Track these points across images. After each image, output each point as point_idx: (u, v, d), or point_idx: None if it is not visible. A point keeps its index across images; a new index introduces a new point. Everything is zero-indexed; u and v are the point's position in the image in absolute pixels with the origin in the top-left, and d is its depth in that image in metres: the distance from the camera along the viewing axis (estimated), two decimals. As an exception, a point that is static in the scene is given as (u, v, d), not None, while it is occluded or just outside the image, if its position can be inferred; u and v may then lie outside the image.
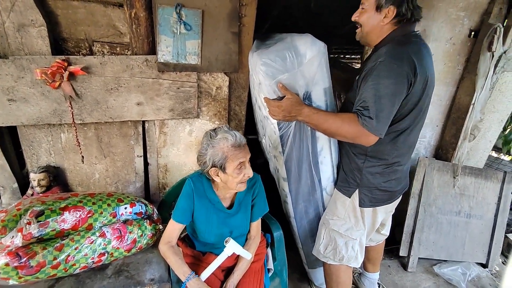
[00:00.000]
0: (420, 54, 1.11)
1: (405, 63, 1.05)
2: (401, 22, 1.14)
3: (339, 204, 1.40)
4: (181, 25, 1.37)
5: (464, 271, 2.04)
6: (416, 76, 1.08)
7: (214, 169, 1.13)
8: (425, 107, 1.23)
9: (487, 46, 1.80)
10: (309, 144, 1.37)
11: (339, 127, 1.16)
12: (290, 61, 1.22)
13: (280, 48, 1.23)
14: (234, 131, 1.14)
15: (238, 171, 1.12)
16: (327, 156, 1.41)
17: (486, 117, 2.05)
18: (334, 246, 1.41)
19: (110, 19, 1.43)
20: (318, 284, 1.82)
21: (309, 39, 1.24)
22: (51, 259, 1.03)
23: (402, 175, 1.35)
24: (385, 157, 1.25)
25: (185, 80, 1.49)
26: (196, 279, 1.11)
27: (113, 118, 1.46)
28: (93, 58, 1.35)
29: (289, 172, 1.44)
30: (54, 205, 1.09)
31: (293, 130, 1.33)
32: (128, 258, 1.27)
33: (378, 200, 1.33)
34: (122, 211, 1.24)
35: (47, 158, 1.50)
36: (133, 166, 1.64)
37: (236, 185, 1.15)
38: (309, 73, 1.26)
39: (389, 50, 1.10)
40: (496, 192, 2.18)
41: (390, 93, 1.06)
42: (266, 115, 1.35)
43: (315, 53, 1.23)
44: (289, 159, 1.40)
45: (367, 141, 1.14)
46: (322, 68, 1.28)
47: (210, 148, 1.12)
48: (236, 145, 1.11)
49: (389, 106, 1.08)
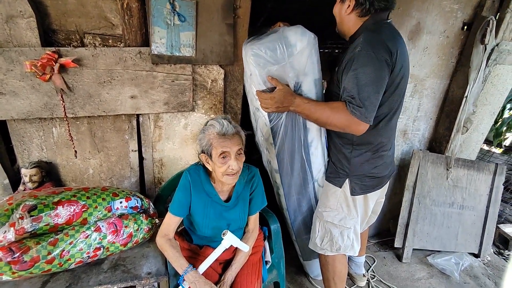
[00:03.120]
0: (395, 40, 1.14)
1: (381, 50, 1.08)
2: (366, 12, 1.17)
3: (330, 195, 1.42)
4: (175, 16, 1.34)
5: (457, 261, 2.08)
6: (394, 62, 1.11)
7: (203, 155, 1.16)
8: (403, 92, 1.26)
9: (479, 39, 1.82)
10: (301, 135, 1.37)
11: (329, 116, 1.18)
12: (280, 52, 1.23)
13: (271, 39, 1.23)
14: (225, 120, 1.14)
15: (222, 161, 1.11)
16: (318, 147, 1.42)
17: (478, 109, 2.07)
18: (330, 237, 1.42)
19: (101, 10, 1.40)
20: (313, 276, 1.84)
21: (299, 30, 1.25)
22: (45, 254, 1.01)
23: (388, 159, 1.39)
24: (371, 143, 1.28)
25: (179, 72, 1.47)
26: (193, 272, 1.10)
27: (106, 111, 1.43)
28: (84, 50, 1.32)
29: (281, 164, 1.44)
30: (47, 199, 1.07)
31: (285, 121, 1.34)
32: (124, 253, 1.25)
33: (368, 186, 1.35)
34: (118, 205, 1.22)
35: (39, 153, 1.47)
36: (127, 161, 1.62)
37: (221, 175, 1.14)
38: (300, 64, 1.27)
39: (364, 39, 1.12)
40: (488, 184, 2.22)
41: (372, 80, 1.08)
42: (257, 106, 1.35)
43: (305, 44, 1.24)
44: (281, 150, 1.41)
45: (358, 129, 1.15)
46: (313, 59, 1.29)
47: (201, 133, 1.16)
48: (221, 134, 1.11)
49: (374, 93, 1.09)
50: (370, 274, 1.98)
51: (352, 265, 1.89)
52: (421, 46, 1.88)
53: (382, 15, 1.20)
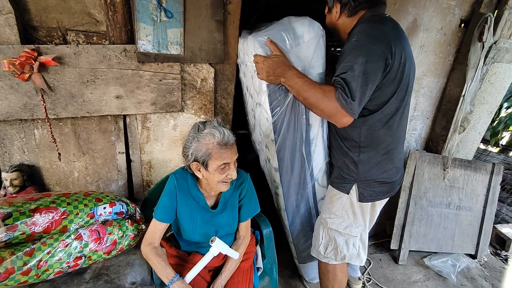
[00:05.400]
0: (394, 32, 1.08)
1: (380, 41, 1.02)
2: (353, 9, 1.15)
3: (335, 201, 1.34)
4: (162, 11, 1.28)
5: (454, 262, 2.05)
6: (394, 54, 1.04)
7: (196, 163, 1.08)
8: (410, 88, 1.20)
9: (477, 36, 1.78)
10: (303, 131, 1.32)
11: (319, 99, 1.10)
12: (289, 43, 1.18)
13: (278, 29, 1.19)
14: (224, 128, 1.06)
15: (221, 171, 1.06)
16: (319, 145, 1.37)
17: (476, 108, 2.04)
18: (334, 245, 1.35)
19: (84, 5, 1.33)
20: (309, 279, 1.80)
21: (306, 21, 1.21)
22: (20, 265, 0.95)
23: (399, 163, 1.32)
24: (380, 144, 1.20)
25: (167, 71, 1.40)
26: (180, 281, 1.05)
27: (90, 112, 1.37)
28: (66, 48, 1.25)
29: (281, 161, 1.38)
30: (23, 206, 1.01)
31: (288, 117, 1.28)
32: (108, 261, 1.20)
33: (378, 193, 1.28)
34: (101, 211, 1.16)
35: (20, 156, 1.41)
36: (114, 163, 1.56)
37: (216, 184, 1.09)
38: (307, 55, 1.22)
39: (360, 29, 1.08)
40: (485, 184, 2.19)
41: (364, 71, 1.01)
42: (258, 101, 1.29)
43: (313, 35, 1.21)
44: (282, 148, 1.35)
45: (342, 121, 1.10)
46: (320, 51, 1.25)
47: (195, 141, 1.05)
48: (223, 144, 1.04)
49: (363, 85, 1.03)
50: (366, 277, 1.94)
51: (348, 268, 1.84)
52: (418, 44, 1.83)
53: (379, 9, 1.15)
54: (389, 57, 1.03)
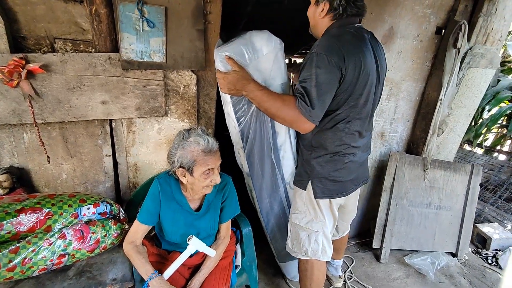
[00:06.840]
0: (351, 45, 1.13)
1: (334, 53, 1.08)
2: (339, 16, 1.18)
3: (298, 197, 1.43)
4: (144, 22, 1.35)
5: (433, 260, 2.12)
6: (347, 66, 1.10)
7: (181, 170, 1.13)
8: (364, 98, 1.21)
9: (452, 43, 1.85)
10: (270, 139, 1.39)
11: (279, 108, 1.16)
12: (248, 57, 1.25)
13: (238, 43, 1.25)
14: (208, 136, 1.13)
15: (205, 176, 1.13)
16: (288, 150, 1.44)
17: (454, 112, 2.11)
18: (298, 240, 1.43)
19: (71, 15, 1.39)
20: (290, 277, 1.86)
21: (265, 35, 1.27)
22: (6, 262, 1.01)
23: (353, 165, 1.34)
24: (327, 146, 1.27)
25: (151, 78, 1.47)
26: (158, 278, 1.11)
27: (77, 117, 1.43)
28: (52, 56, 1.32)
29: (251, 167, 1.46)
30: (9, 207, 1.07)
31: (254, 125, 1.35)
32: (92, 259, 1.26)
33: (331, 191, 1.34)
34: (85, 211, 1.23)
35: (10, 159, 1.47)
36: (102, 166, 1.62)
37: (201, 188, 1.16)
38: (266, 68, 1.29)
39: (320, 42, 1.14)
40: (464, 184, 2.26)
41: (321, 82, 1.09)
42: (228, 111, 1.36)
43: (271, 49, 1.27)
44: (251, 154, 1.42)
45: (304, 127, 1.16)
46: (279, 63, 1.31)
47: (180, 149, 1.11)
48: (207, 151, 1.11)
49: (321, 94, 1.10)
50: (348, 275, 2.00)
51: (329, 267, 1.91)
52: (395, 50, 1.90)
53: (351, 19, 1.20)
54: (343, 68, 1.10)
